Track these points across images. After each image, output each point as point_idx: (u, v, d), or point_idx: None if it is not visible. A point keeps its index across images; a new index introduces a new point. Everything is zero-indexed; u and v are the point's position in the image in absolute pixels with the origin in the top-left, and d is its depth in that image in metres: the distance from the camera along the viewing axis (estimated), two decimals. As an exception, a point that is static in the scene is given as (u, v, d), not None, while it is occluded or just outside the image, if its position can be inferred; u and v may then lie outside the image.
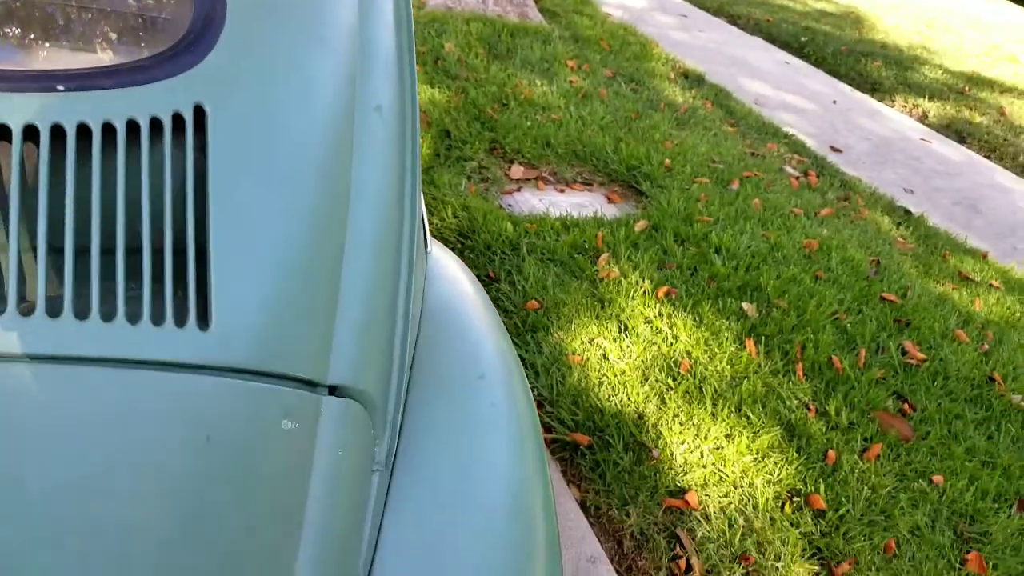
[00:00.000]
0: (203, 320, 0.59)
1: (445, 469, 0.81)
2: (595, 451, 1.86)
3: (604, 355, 2.16)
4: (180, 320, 0.58)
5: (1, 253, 0.57)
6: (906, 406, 2.15)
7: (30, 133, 0.57)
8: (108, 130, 0.59)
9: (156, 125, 0.60)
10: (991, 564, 1.73)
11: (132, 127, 0.59)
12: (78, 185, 0.57)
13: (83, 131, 0.58)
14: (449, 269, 1.19)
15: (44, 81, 0.59)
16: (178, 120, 0.61)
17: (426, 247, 1.18)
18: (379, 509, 0.76)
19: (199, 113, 0.63)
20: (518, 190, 3.05)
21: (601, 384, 2.05)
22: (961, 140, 4.86)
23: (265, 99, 0.68)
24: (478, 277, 2.48)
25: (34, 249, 0.56)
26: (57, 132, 0.57)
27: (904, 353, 2.36)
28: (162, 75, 0.63)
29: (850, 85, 5.54)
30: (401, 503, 0.77)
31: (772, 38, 6.36)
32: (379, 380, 0.75)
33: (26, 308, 0.55)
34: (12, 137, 0.56)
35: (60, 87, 0.59)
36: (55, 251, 0.57)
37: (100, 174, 0.58)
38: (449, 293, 1.10)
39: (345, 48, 0.79)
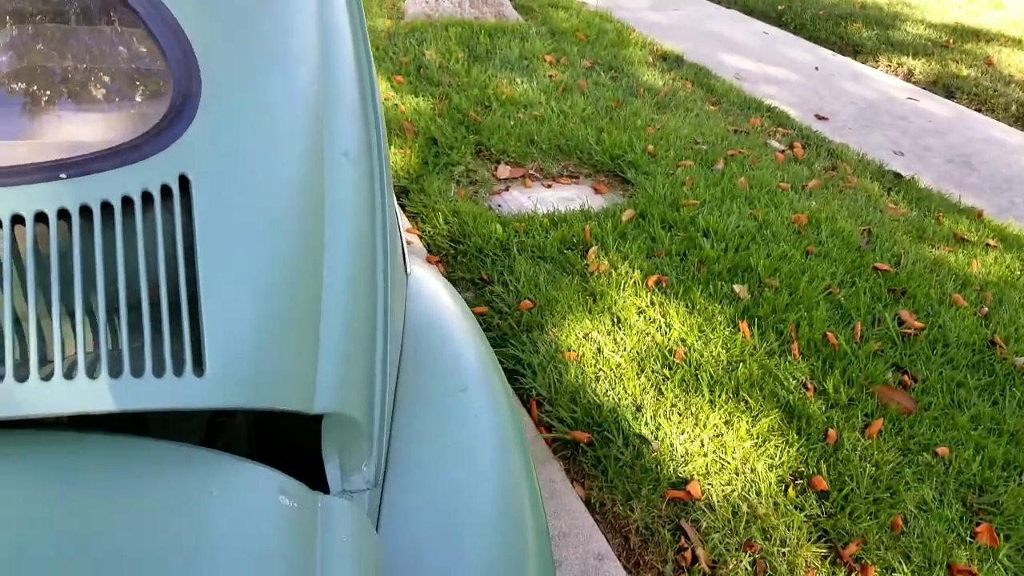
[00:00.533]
0: (198, 367, 0.65)
1: (435, 482, 0.85)
2: (596, 448, 1.86)
3: (599, 349, 2.15)
4: (178, 370, 0.65)
5: (22, 321, 0.65)
6: (906, 377, 2.14)
7: (40, 217, 0.66)
8: (106, 207, 0.67)
9: (147, 197, 0.69)
10: (1002, 535, 1.72)
11: (127, 202, 0.68)
12: (83, 257, 0.66)
13: (85, 210, 0.67)
14: (430, 287, 1.23)
15: (49, 171, 0.67)
16: (167, 190, 0.69)
17: (406, 269, 1.21)
18: (372, 523, 0.80)
19: (184, 181, 0.70)
20: (506, 190, 3.04)
21: (598, 379, 2.05)
22: (949, 95, 4.82)
23: (241, 159, 0.75)
24: (471, 281, 2.49)
25: (50, 317, 0.64)
26: (63, 213, 0.67)
27: (901, 323, 2.35)
28: (149, 152, 0.71)
29: (832, 49, 5.50)
30: (394, 518, 0.80)
31: (749, 9, 6.31)
32: (363, 403, 0.80)
33: (46, 372, 0.62)
34: (26, 223, 0.65)
35: (63, 175, 0.67)
36: (68, 315, 0.65)
37: (102, 246, 0.66)
38: (430, 310, 1.15)
39: (311, 100, 0.84)
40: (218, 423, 0.97)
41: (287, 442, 0.96)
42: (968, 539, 1.70)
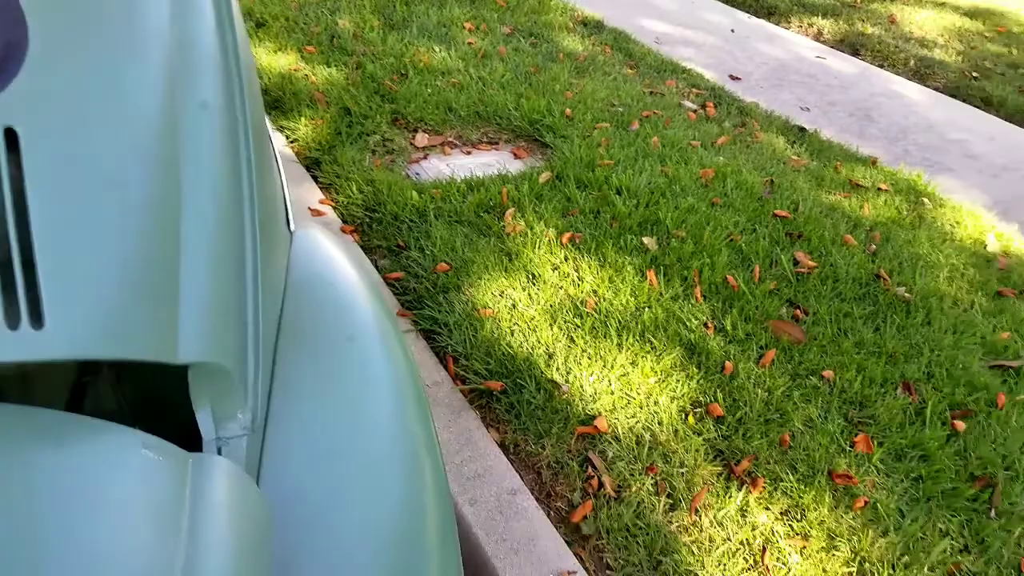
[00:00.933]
0: (36, 321, 0.64)
1: (319, 426, 0.86)
2: (509, 394, 1.96)
3: (514, 305, 2.25)
4: (13, 324, 0.63)
5: None
6: (798, 312, 2.30)
7: None
8: None
9: None
10: (876, 442, 1.89)
11: None
12: None
13: None
14: (320, 245, 1.24)
15: None
16: None
17: (289, 227, 1.24)
18: (253, 469, 0.83)
19: (11, 135, 0.67)
20: (424, 158, 3.10)
21: (512, 332, 2.15)
22: (855, 53, 5.02)
23: (79, 111, 0.73)
24: (388, 248, 2.55)
25: None
26: None
27: (796, 264, 2.51)
28: None
29: (747, 12, 5.66)
30: (277, 466, 0.82)
31: (669, -25, 6.43)
32: (233, 352, 0.80)
33: None
34: None
35: None
36: None
37: None
38: (318, 267, 1.15)
39: (159, 53, 0.83)
40: (84, 383, 0.96)
41: (169, 406, 0.96)
42: (847, 448, 1.86)
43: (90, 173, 0.71)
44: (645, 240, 2.55)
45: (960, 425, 1.99)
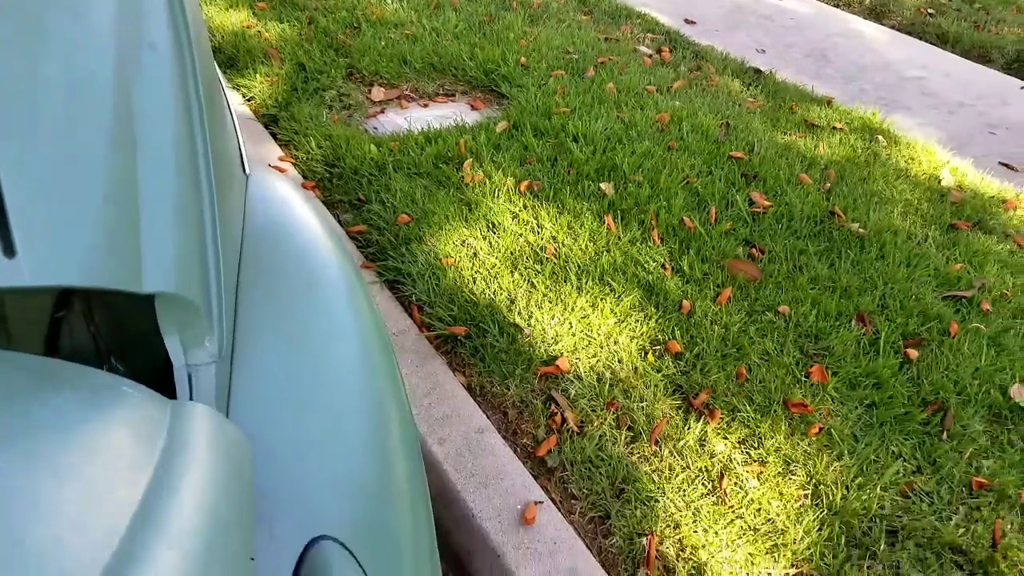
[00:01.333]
0: (9, 250, 0.66)
1: (284, 376, 0.88)
2: (473, 339, 1.98)
3: (475, 253, 2.26)
4: None
5: None
6: (754, 251, 2.34)
7: None
8: None
9: None
10: (831, 372, 1.95)
11: None
12: None
13: None
14: (278, 192, 1.24)
15: None
16: None
17: (244, 169, 1.24)
18: (223, 400, 0.85)
19: None
20: (382, 112, 3.07)
21: (475, 280, 2.17)
22: (810, -5, 5.02)
23: (30, 54, 0.73)
24: (349, 202, 2.54)
25: None
26: None
27: (752, 203, 2.54)
28: None
29: (703, -43, 5.62)
30: (243, 411, 0.84)
31: (625, -80, 6.35)
32: (196, 285, 0.83)
33: None
34: None
35: None
36: None
37: None
38: (277, 213, 1.17)
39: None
40: (59, 319, 0.98)
41: (142, 348, 0.97)
42: (803, 379, 1.92)
43: (46, 110, 0.72)
44: (602, 186, 2.56)
45: (913, 353, 2.05)
